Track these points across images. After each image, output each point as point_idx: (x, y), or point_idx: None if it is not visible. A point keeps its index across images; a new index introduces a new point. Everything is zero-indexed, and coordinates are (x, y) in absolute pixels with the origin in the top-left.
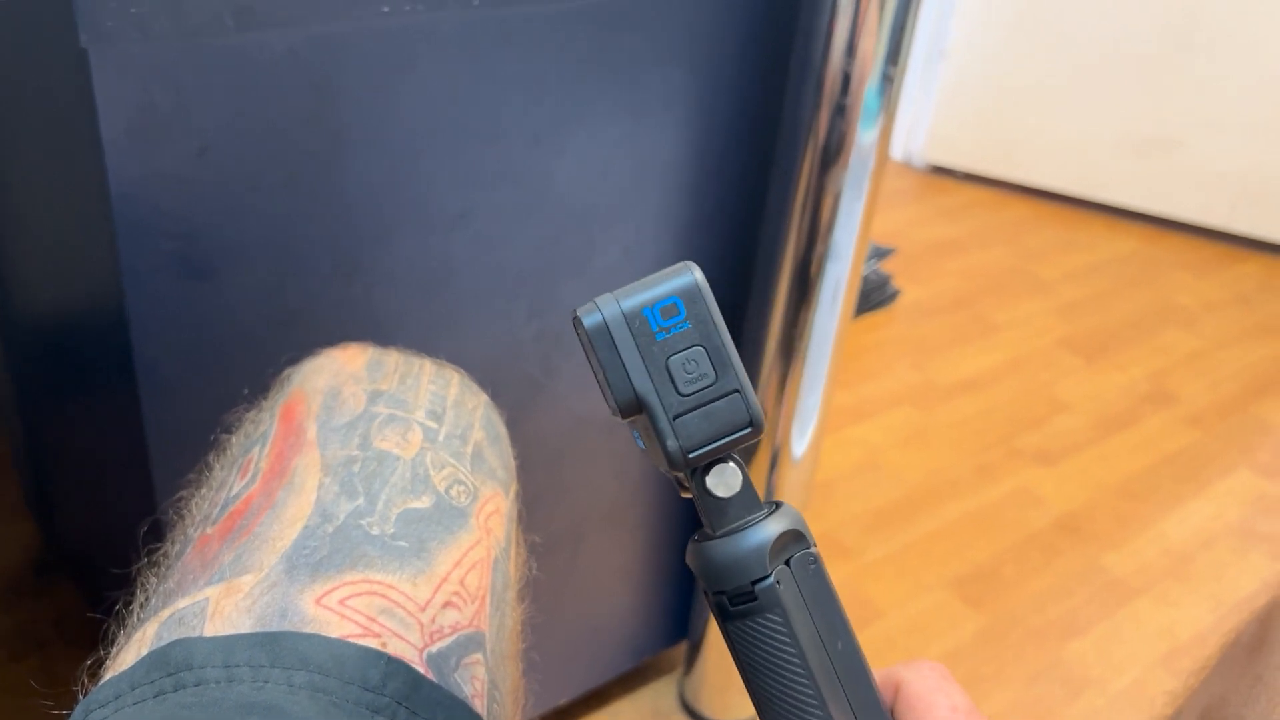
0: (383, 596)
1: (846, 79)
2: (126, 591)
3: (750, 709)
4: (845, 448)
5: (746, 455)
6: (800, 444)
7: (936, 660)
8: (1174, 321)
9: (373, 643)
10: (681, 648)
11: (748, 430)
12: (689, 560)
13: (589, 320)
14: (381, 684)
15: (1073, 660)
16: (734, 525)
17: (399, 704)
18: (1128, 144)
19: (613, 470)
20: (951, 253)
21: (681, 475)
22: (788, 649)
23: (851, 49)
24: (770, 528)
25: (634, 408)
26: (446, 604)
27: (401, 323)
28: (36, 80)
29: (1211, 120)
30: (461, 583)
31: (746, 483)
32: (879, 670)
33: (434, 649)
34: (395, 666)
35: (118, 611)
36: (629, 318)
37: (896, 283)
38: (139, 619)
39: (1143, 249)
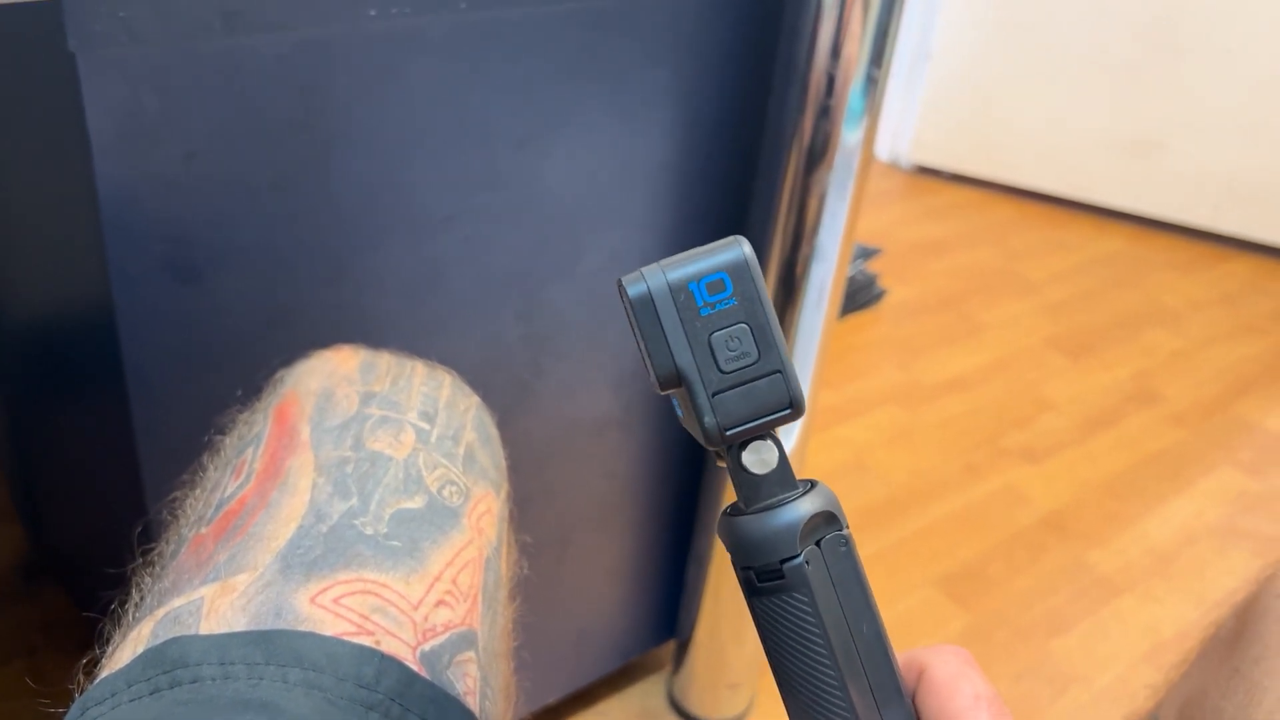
0: (376, 595)
1: (831, 81)
2: (121, 591)
3: (738, 707)
4: (832, 447)
5: None
6: (787, 443)
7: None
8: (1159, 321)
9: (366, 641)
10: (670, 647)
11: (788, 411)
12: (719, 532)
13: (634, 290)
14: (375, 681)
15: (1058, 657)
16: (767, 502)
17: (392, 701)
18: (1113, 144)
19: (601, 471)
20: (937, 253)
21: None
22: (812, 629)
23: (836, 51)
24: (803, 507)
25: (674, 380)
26: (439, 603)
27: (390, 325)
28: (25, 84)
29: (1196, 121)
30: (454, 582)
31: (783, 461)
32: (902, 653)
33: (427, 647)
34: (389, 664)
35: (113, 611)
36: (674, 290)
37: (883, 283)
38: (134, 618)
39: (1128, 249)
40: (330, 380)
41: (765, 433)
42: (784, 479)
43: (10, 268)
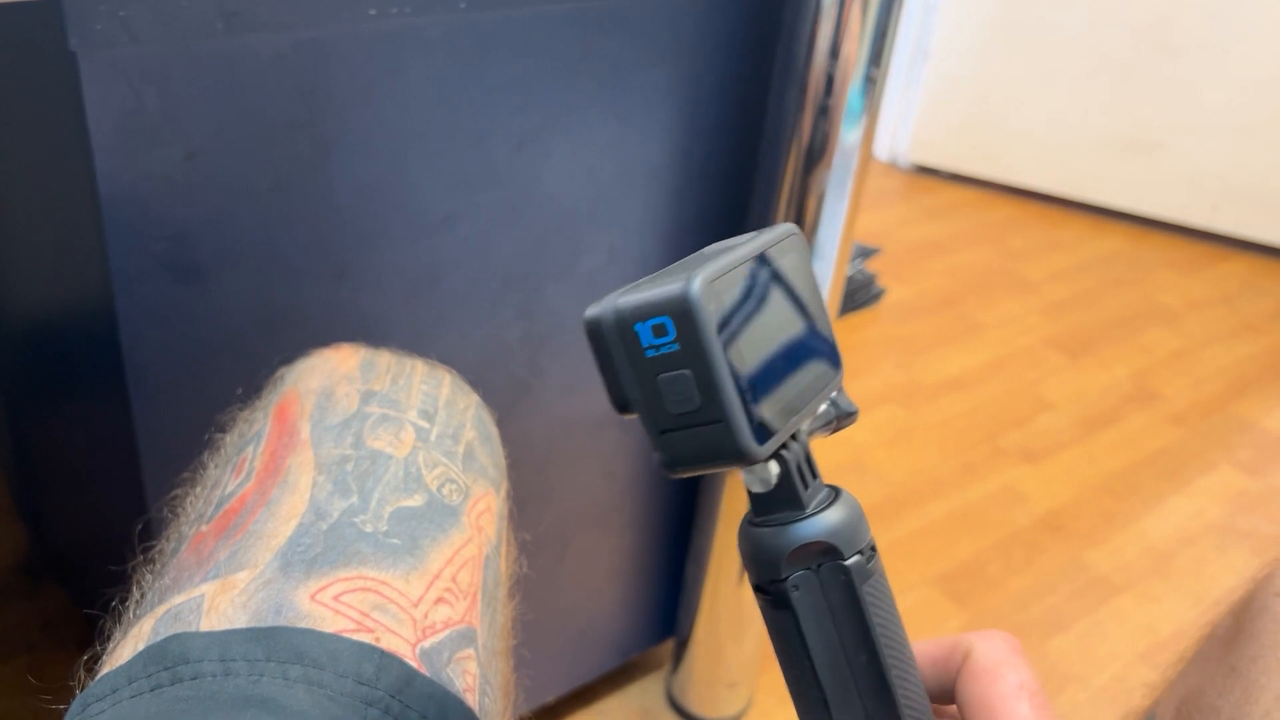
0: (376, 593)
1: (830, 80)
2: (121, 588)
3: (737, 706)
4: (831, 447)
5: None
6: None
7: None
8: (1157, 320)
9: (366, 638)
10: (669, 645)
11: (735, 461)
12: (737, 536)
13: (587, 320)
14: (375, 678)
15: (1056, 656)
16: (769, 519)
17: (392, 697)
18: (1111, 144)
19: (600, 470)
20: (936, 252)
21: None
22: (797, 649)
23: (835, 51)
24: (797, 533)
25: (626, 408)
26: (439, 600)
27: (389, 324)
28: (25, 83)
29: (1194, 120)
30: (454, 580)
31: (786, 480)
32: (947, 636)
33: (427, 644)
34: (389, 661)
35: (113, 608)
36: (621, 329)
37: (882, 282)
38: (135, 615)
39: (1126, 248)
40: (330, 379)
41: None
42: (789, 498)
43: (11, 267)
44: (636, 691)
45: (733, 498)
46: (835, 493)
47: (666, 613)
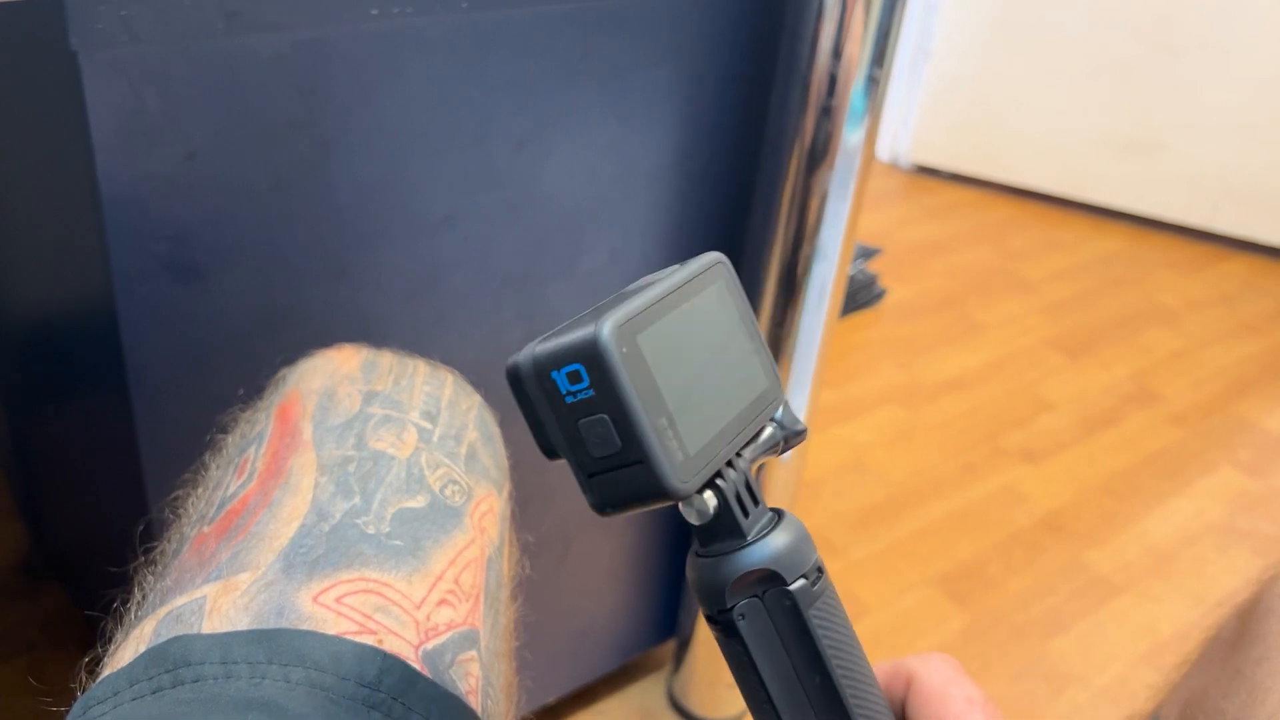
0: (379, 594)
1: (832, 81)
2: (123, 590)
3: (737, 706)
4: (832, 447)
5: None
6: None
7: None
8: (1157, 321)
9: (369, 640)
10: (669, 646)
11: (662, 500)
12: (686, 567)
13: (509, 371)
14: (378, 680)
15: (1056, 657)
16: (711, 549)
17: (395, 700)
18: (1111, 144)
19: None
20: (937, 252)
21: None
22: (751, 676)
23: (837, 51)
24: (738, 563)
25: (553, 454)
26: (441, 602)
27: (389, 324)
28: (26, 82)
29: (1194, 120)
30: (456, 581)
31: (724, 510)
32: (888, 661)
33: (429, 646)
34: (391, 663)
35: (115, 609)
36: (539, 376)
37: (883, 282)
38: (136, 616)
39: (1127, 249)
40: (332, 379)
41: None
42: (730, 527)
43: (12, 267)
44: (637, 692)
45: None
46: (778, 517)
47: (667, 613)
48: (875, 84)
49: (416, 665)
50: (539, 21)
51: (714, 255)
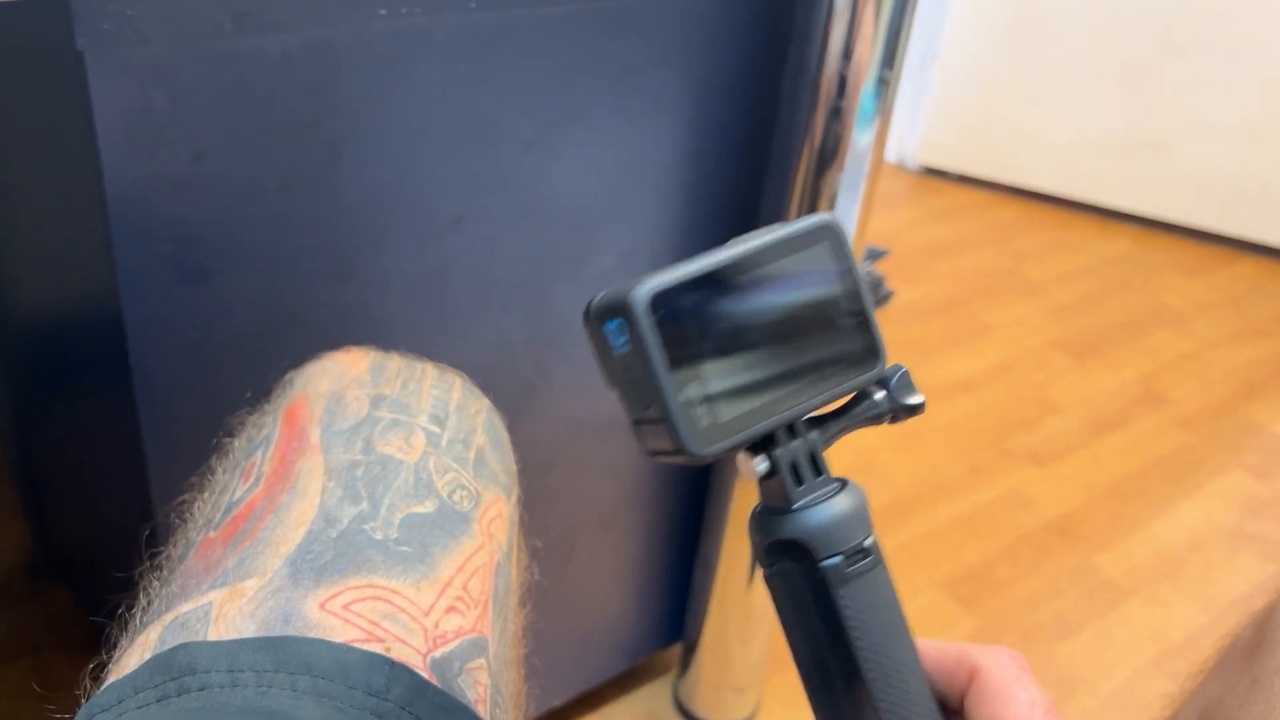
0: (386, 601)
1: (843, 82)
2: (128, 595)
3: (744, 710)
4: (838, 449)
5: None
6: None
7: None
8: (1165, 323)
9: (377, 648)
10: (676, 649)
11: (684, 458)
12: None
13: (585, 315)
14: (386, 689)
15: (1064, 661)
16: (765, 507)
17: (403, 709)
18: (1118, 146)
19: (607, 473)
20: (944, 254)
21: None
22: (785, 629)
23: (848, 52)
24: (775, 528)
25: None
26: (450, 609)
27: (397, 326)
28: (33, 83)
29: (1202, 122)
30: (464, 588)
31: (772, 475)
32: (955, 646)
33: (437, 654)
34: (399, 671)
35: (120, 615)
36: (591, 325)
37: (890, 284)
38: (141, 622)
39: (1134, 250)
40: (340, 382)
41: (744, 445)
42: (775, 491)
43: (17, 268)
44: (644, 696)
45: (741, 501)
46: (838, 490)
47: (674, 617)
48: (885, 85)
49: (424, 673)
50: (547, 22)
51: (823, 216)
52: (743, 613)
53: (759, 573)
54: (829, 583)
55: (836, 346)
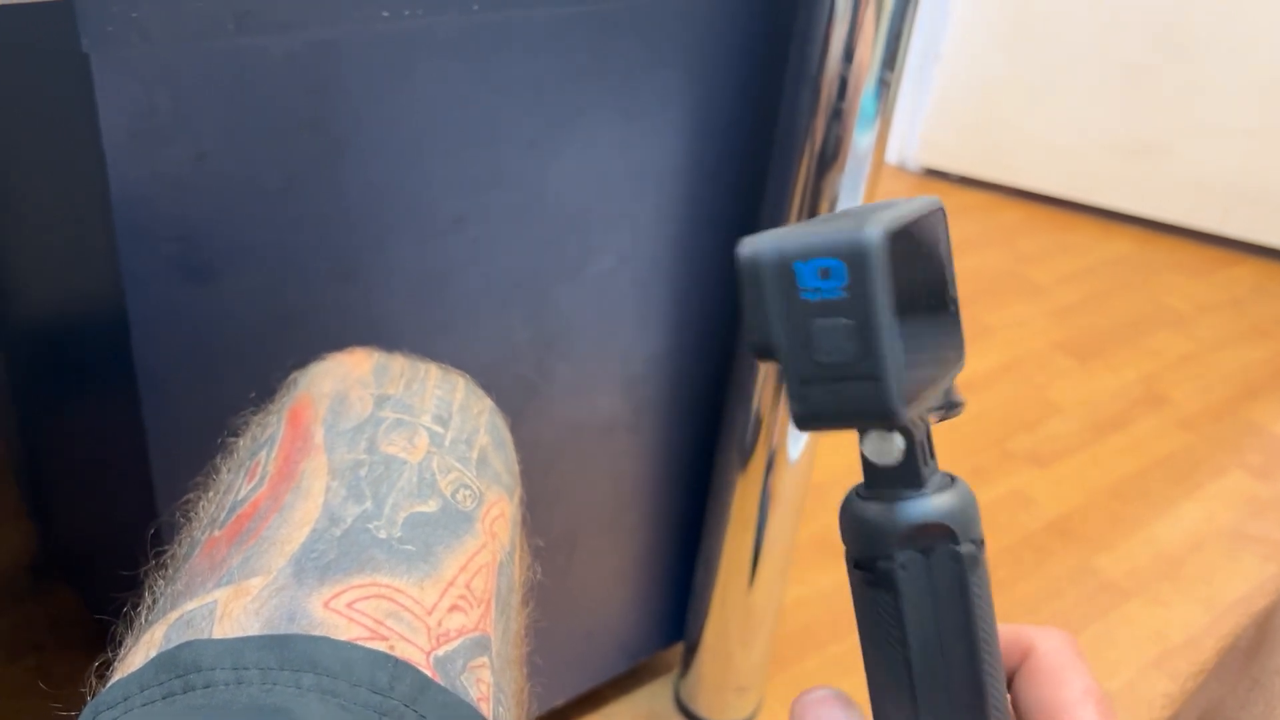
0: (390, 600)
1: (843, 84)
2: (132, 593)
3: (746, 710)
4: (841, 450)
5: (743, 457)
6: (796, 447)
7: None
8: (1167, 324)
9: (380, 646)
10: (678, 649)
11: (877, 421)
12: (841, 507)
13: (744, 251)
14: (389, 687)
15: None
16: (883, 493)
17: (407, 707)
18: (1120, 148)
19: (608, 473)
20: None
21: None
22: (890, 631)
23: (849, 54)
24: (914, 512)
25: (767, 354)
26: (453, 608)
27: (399, 326)
28: (36, 84)
29: (1204, 124)
30: (468, 587)
31: (910, 456)
32: (1007, 626)
33: (441, 652)
34: (403, 669)
35: (125, 613)
36: (781, 264)
37: None
38: (147, 621)
39: (1135, 252)
40: (344, 383)
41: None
42: (908, 475)
43: (22, 268)
44: (645, 696)
45: (743, 502)
46: (952, 478)
47: (675, 616)
48: (886, 87)
49: (428, 672)
50: (549, 23)
51: (934, 199)
52: (744, 612)
53: (760, 573)
54: (965, 570)
55: (958, 326)
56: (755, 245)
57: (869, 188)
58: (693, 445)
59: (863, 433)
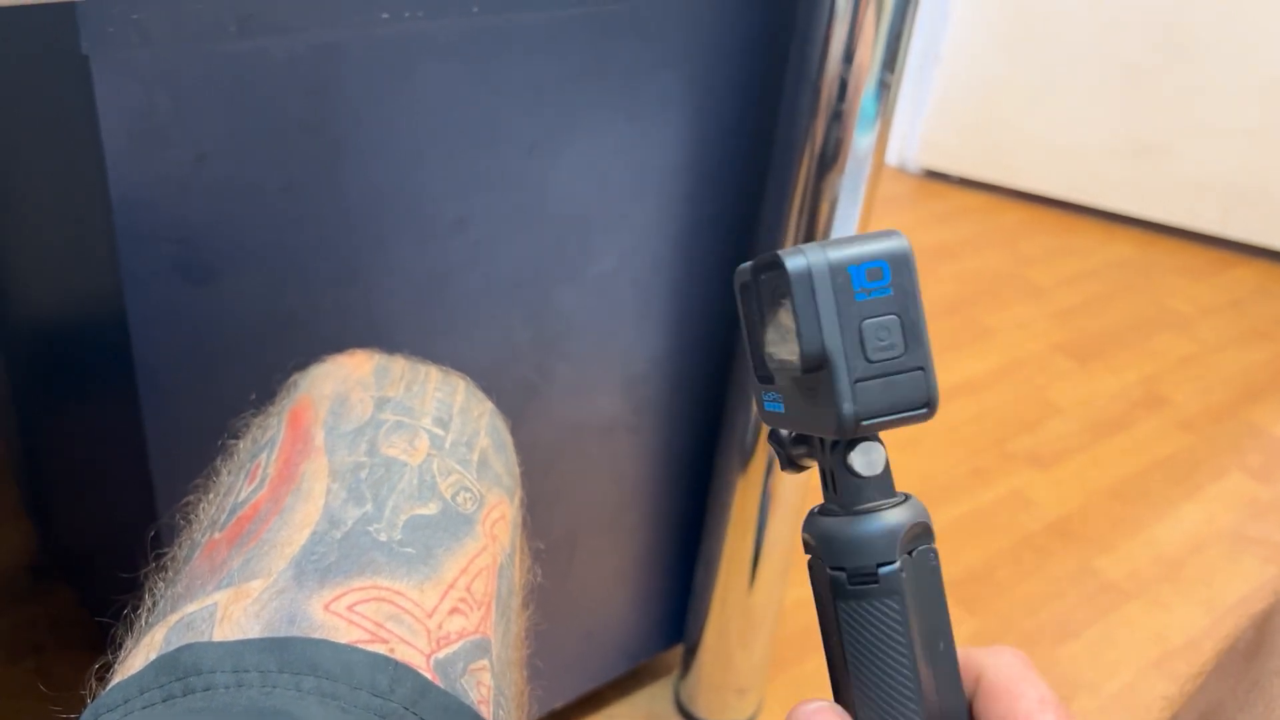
0: (390, 603)
1: (843, 86)
2: (132, 595)
3: (745, 712)
4: None
5: (743, 459)
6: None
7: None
8: (1167, 326)
9: (380, 649)
10: (677, 651)
11: (923, 410)
12: (806, 531)
13: (793, 264)
14: (389, 689)
15: (1065, 663)
16: (868, 505)
17: (407, 709)
18: (1121, 149)
19: (608, 474)
20: (946, 257)
21: (787, 449)
22: (898, 637)
23: (849, 56)
24: (904, 515)
25: (818, 362)
26: (453, 610)
27: (399, 327)
28: (38, 86)
29: (1204, 126)
30: (468, 589)
31: (887, 466)
32: (957, 649)
33: (441, 655)
34: (403, 672)
35: (125, 615)
36: (834, 270)
37: None
38: (147, 623)
39: (1136, 254)
40: (345, 385)
41: (875, 434)
42: (885, 486)
43: (22, 269)
44: (645, 697)
45: (744, 503)
46: (888, 506)
47: (675, 618)
48: (886, 89)
49: (428, 674)
50: (550, 25)
51: (892, 230)
52: (744, 614)
53: (760, 574)
54: (939, 567)
55: None
56: (802, 258)
57: (869, 189)
58: (693, 446)
59: (849, 448)
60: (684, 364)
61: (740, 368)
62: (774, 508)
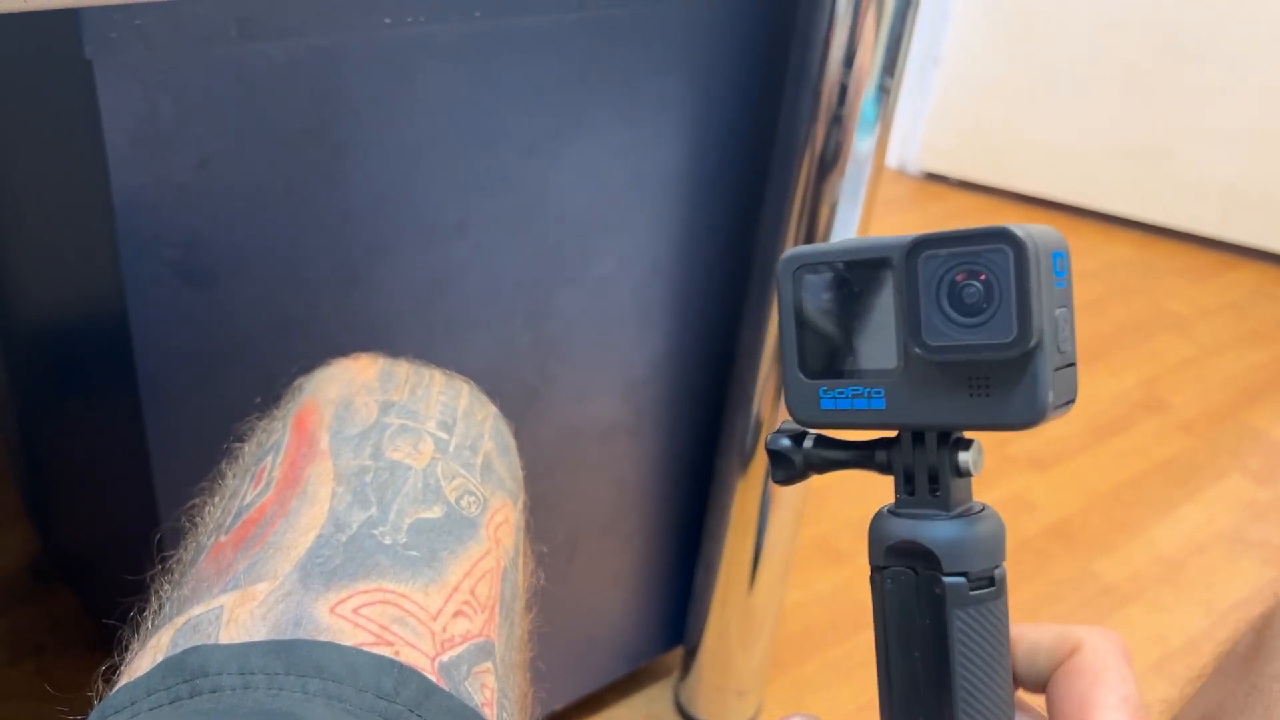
0: (395, 605)
1: (843, 90)
2: (135, 597)
3: (745, 714)
4: None
5: (743, 461)
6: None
7: None
8: (1167, 328)
9: (386, 651)
10: (678, 653)
11: (1069, 406)
12: (908, 537)
13: (1029, 242)
14: (394, 692)
15: None
16: (968, 507)
17: (412, 712)
18: (1121, 152)
19: (609, 477)
20: None
21: (806, 456)
22: (1005, 643)
23: (849, 60)
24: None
25: (1032, 345)
26: (457, 613)
27: (400, 330)
28: (41, 90)
29: (1204, 128)
30: (472, 592)
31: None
32: (1057, 626)
33: (445, 658)
34: (408, 675)
35: (131, 617)
36: (1044, 255)
37: None
38: (153, 625)
39: (1136, 256)
40: (349, 389)
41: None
42: (969, 488)
43: (24, 272)
44: (644, 699)
45: (744, 505)
46: (981, 508)
47: (675, 620)
48: (886, 93)
49: (433, 677)
50: (550, 29)
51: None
52: (744, 616)
53: (760, 576)
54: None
55: None
56: (1028, 238)
57: (869, 192)
58: (693, 448)
59: (964, 446)
60: (684, 366)
61: (740, 370)
62: (774, 510)
